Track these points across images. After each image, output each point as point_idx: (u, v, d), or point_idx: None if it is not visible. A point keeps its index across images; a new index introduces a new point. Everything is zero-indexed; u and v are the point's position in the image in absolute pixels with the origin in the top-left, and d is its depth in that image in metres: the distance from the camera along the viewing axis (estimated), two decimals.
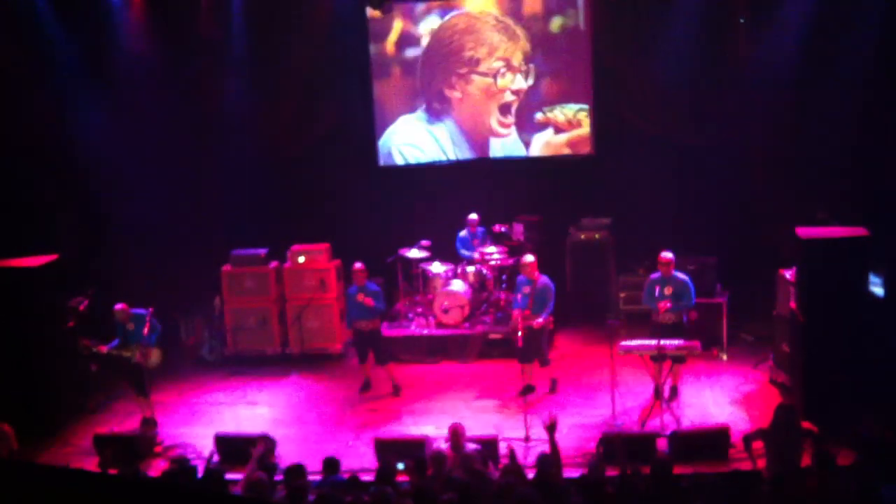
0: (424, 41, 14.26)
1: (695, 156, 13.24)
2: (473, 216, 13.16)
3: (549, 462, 7.86)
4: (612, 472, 8.08)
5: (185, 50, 13.76)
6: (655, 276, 10.62)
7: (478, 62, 14.13)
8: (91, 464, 9.87)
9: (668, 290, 10.46)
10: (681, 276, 10.58)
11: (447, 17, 14.18)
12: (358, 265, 11.41)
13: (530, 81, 14.04)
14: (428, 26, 14.24)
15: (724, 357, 11.72)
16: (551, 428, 8.18)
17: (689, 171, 13.26)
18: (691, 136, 13.34)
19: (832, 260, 9.57)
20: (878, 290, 10.32)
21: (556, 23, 13.99)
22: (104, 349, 10.81)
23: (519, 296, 11.04)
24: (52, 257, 11.32)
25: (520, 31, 14.01)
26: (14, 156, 12.76)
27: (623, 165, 13.58)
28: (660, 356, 10.03)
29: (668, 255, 10.55)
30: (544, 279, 11.05)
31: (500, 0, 14.06)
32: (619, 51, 13.64)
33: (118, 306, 10.74)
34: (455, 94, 14.25)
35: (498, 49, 14.07)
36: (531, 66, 14.01)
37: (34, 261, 11.18)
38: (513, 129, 14.25)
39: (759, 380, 11.15)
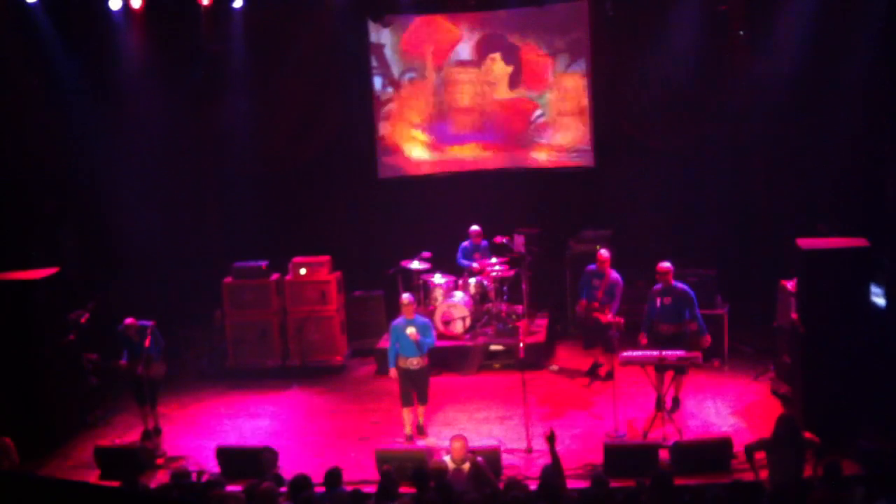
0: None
1: (694, 167, 13.28)
2: (475, 227, 13.18)
3: (552, 474, 7.84)
4: (615, 483, 8.06)
5: (186, 64, 13.82)
6: (657, 287, 10.62)
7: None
8: (92, 477, 9.88)
9: (667, 300, 10.48)
10: (680, 286, 10.59)
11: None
12: (406, 297, 10.48)
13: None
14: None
15: (726, 368, 11.73)
16: (551, 439, 8.20)
17: (689, 183, 13.30)
18: (691, 147, 13.37)
19: (833, 270, 9.57)
20: (879, 300, 10.32)
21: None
22: (122, 363, 10.76)
23: (586, 287, 11.49)
24: (53, 270, 11.32)
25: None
26: (16, 169, 12.79)
27: (623, 177, 13.64)
28: (661, 367, 10.02)
29: (665, 264, 10.57)
30: (615, 274, 11.34)
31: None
32: (619, 62, 13.69)
33: (127, 321, 10.72)
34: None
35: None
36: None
37: (35, 274, 11.17)
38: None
39: (760, 391, 11.14)
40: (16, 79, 12.80)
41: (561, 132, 14.31)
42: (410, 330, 10.13)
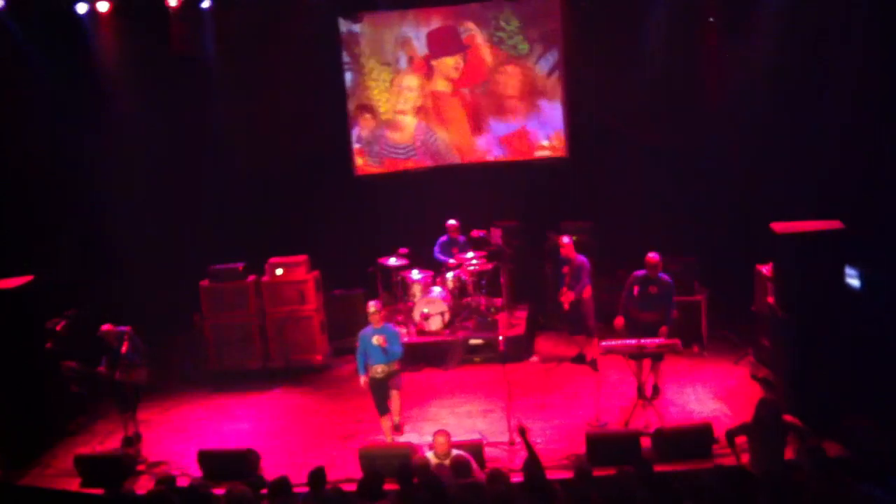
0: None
1: (671, 156, 13.32)
2: (452, 222, 13.18)
3: (531, 466, 7.85)
4: (598, 472, 8.08)
5: (158, 68, 13.72)
6: (640, 273, 10.68)
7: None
8: (73, 485, 9.81)
9: (653, 290, 10.55)
10: (666, 277, 10.66)
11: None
12: (372, 305, 10.41)
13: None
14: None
15: (705, 354, 11.80)
16: (523, 432, 8.25)
17: (666, 172, 13.34)
18: (667, 136, 13.41)
19: (807, 254, 9.62)
20: (854, 282, 10.39)
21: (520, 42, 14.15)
22: (100, 369, 10.70)
23: (559, 276, 11.85)
24: (28, 278, 11.22)
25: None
26: None
27: (600, 168, 13.70)
28: (640, 354, 10.07)
29: (655, 256, 10.63)
30: (581, 258, 11.65)
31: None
32: (594, 53, 13.71)
33: (104, 327, 10.66)
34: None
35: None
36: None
37: (10, 282, 11.07)
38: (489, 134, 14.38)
39: (740, 375, 11.21)
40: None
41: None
42: (376, 338, 10.09)
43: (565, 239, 11.77)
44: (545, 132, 14.33)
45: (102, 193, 13.36)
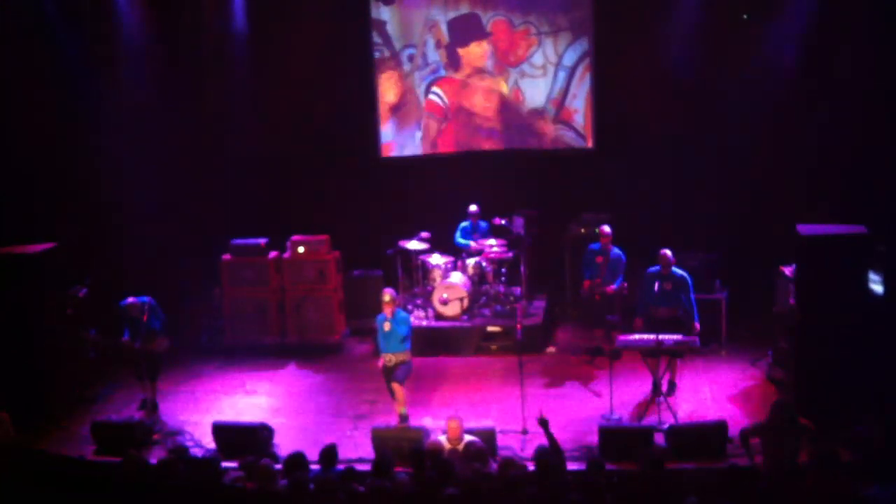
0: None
1: (696, 151, 13.21)
2: (474, 207, 13.16)
3: (548, 455, 7.85)
4: (610, 466, 8.08)
5: (187, 41, 13.75)
6: (654, 269, 10.65)
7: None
8: (88, 451, 9.90)
9: (667, 286, 10.53)
10: (679, 272, 10.61)
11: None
12: (387, 294, 10.26)
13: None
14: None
15: (723, 353, 11.76)
16: (544, 423, 8.23)
17: (691, 167, 13.22)
18: (693, 131, 13.32)
19: (831, 257, 9.56)
20: (877, 287, 10.31)
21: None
22: (123, 340, 10.79)
23: (589, 265, 11.78)
24: (51, 245, 11.30)
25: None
26: (15, 145, 12.76)
27: (624, 160, 13.58)
28: (657, 351, 10.04)
29: (667, 252, 10.59)
30: (617, 251, 11.55)
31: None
32: (621, 45, 13.62)
33: (128, 300, 10.76)
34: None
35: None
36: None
37: (33, 248, 11.16)
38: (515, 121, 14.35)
39: (757, 376, 11.16)
40: (16, 55, 12.76)
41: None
42: (385, 325, 10.09)
43: (606, 228, 11.71)
44: (570, 123, 14.25)
45: (129, 165, 13.38)
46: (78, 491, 7.71)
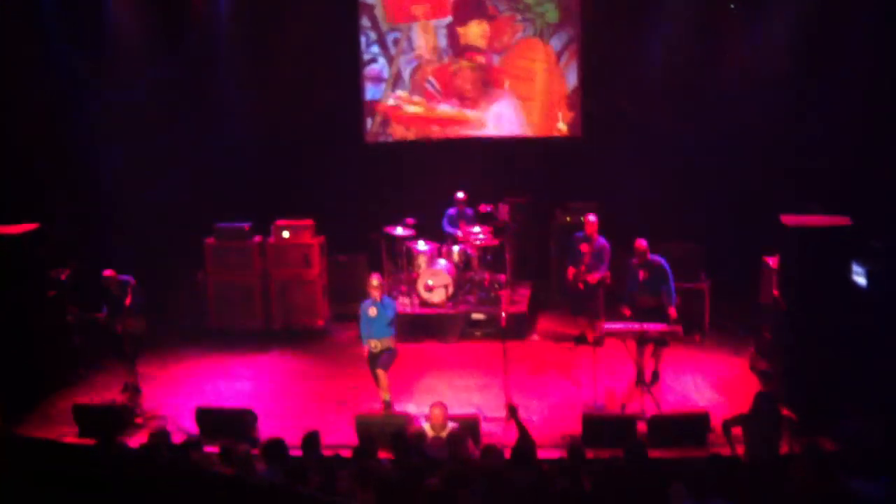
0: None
1: (683, 141, 13.24)
2: (461, 194, 13.14)
3: (521, 444, 7.88)
4: (590, 454, 8.10)
5: (177, 26, 13.67)
6: (635, 260, 10.68)
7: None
8: (70, 434, 9.85)
9: (646, 275, 10.57)
10: (655, 258, 10.62)
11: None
12: (375, 278, 10.17)
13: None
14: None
15: (706, 342, 11.81)
16: (513, 411, 8.26)
17: (678, 157, 13.27)
18: (680, 121, 13.33)
19: (815, 248, 9.59)
20: (860, 279, 10.35)
21: (550, 12, 13.98)
22: (100, 315, 10.77)
23: (574, 253, 11.71)
24: (34, 226, 11.21)
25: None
26: (1, 130, 12.65)
27: (611, 149, 13.60)
28: (641, 339, 10.06)
29: (641, 241, 10.62)
30: (603, 240, 11.56)
31: None
32: (609, 33, 13.60)
33: (106, 272, 10.73)
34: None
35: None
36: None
37: (16, 228, 11.07)
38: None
39: (739, 366, 11.21)
40: (6, 39, 12.66)
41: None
42: (371, 310, 10.03)
43: (591, 217, 11.70)
44: (556, 110, 14.22)
45: (113, 147, 13.31)
46: (58, 475, 7.69)
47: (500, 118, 14.39)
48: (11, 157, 12.79)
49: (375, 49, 14.45)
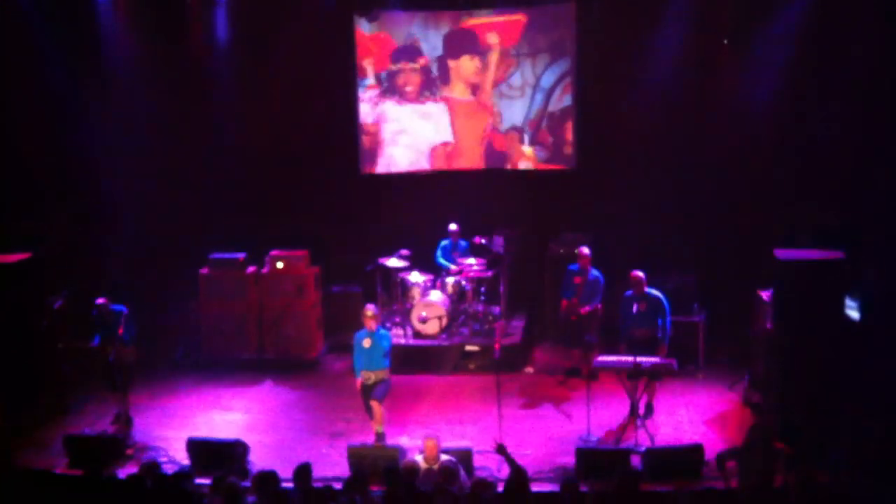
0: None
1: (677, 174, 13.32)
2: (453, 226, 13.17)
3: (513, 479, 7.84)
4: (584, 487, 8.06)
5: (172, 54, 13.74)
6: (629, 293, 10.69)
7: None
8: (61, 465, 9.78)
9: (643, 307, 10.55)
10: (654, 292, 10.64)
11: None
12: (370, 309, 10.12)
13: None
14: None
15: (700, 376, 11.79)
16: (501, 450, 8.22)
17: (672, 190, 13.34)
18: (673, 153, 13.41)
19: (808, 282, 9.61)
20: (853, 313, 10.38)
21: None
22: (91, 344, 10.73)
23: (568, 286, 11.69)
24: (27, 255, 11.21)
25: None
26: None
27: (606, 181, 13.68)
28: (635, 373, 10.04)
29: (638, 273, 10.63)
30: (596, 272, 11.53)
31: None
32: (602, 65, 13.72)
33: (99, 300, 10.71)
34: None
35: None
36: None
37: (9, 258, 11.06)
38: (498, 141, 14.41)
39: (733, 399, 11.18)
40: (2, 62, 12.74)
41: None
42: (366, 341, 9.99)
43: (584, 250, 11.69)
44: (546, 144, 14.31)
45: (107, 177, 13.36)
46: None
47: (491, 150, 14.47)
48: (5, 184, 12.79)
49: (372, 83, 14.53)
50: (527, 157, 14.36)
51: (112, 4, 13.39)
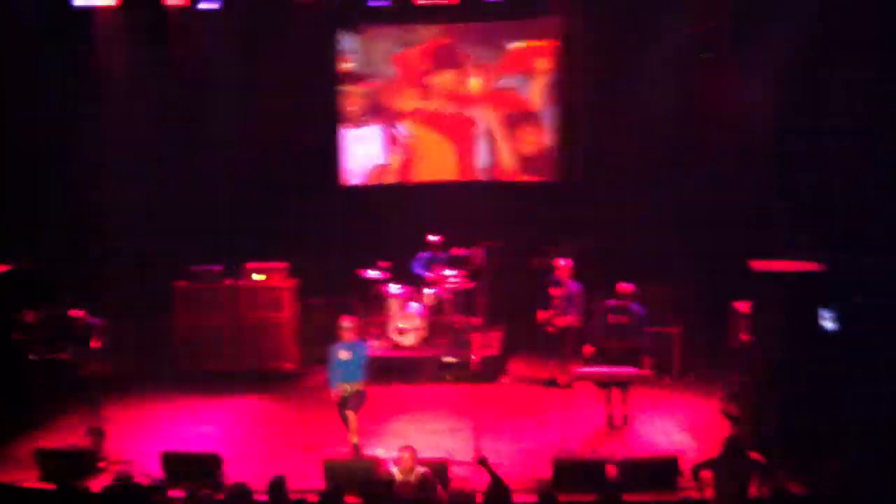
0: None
1: (654, 186, 13.38)
2: (434, 237, 13.17)
3: (496, 492, 7.82)
4: (562, 497, 8.05)
5: (154, 75, 13.70)
6: (611, 303, 10.71)
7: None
8: (31, 478, 9.67)
9: (623, 319, 10.59)
10: (636, 307, 10.68)
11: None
12: (347, 321, 10.16)
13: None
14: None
15: (676, 386, 11.82)
16: (483, 462, 8.22)
17: (648, 202, 13.39)
18: (651, 167, 13.48)
19: (784, 293, 9.66)
20: (829, 324, 10.43)
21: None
22: (64, 356, 10.62)
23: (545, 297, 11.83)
24: (4, 268, 11.12)
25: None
26: None
27: (585, 195, 13.76)
28: (611, 383, 10.06)
29: (628, 286, 10.66)
30: (574, 284, 11.63)
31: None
32: (586, 79, 13.79)
33: (74, 312, 10.63)
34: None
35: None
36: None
37: None
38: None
39: (709, 410, 11.21)
40: None
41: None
42: (342, 353, 9.97)
43: (562, 262, 11.73)
44: (529, 157, 14.37)
45: (85, 189, 13.31)
46: None
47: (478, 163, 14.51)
48: None
49: (356, 94, 14.55)
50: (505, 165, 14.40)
51: (102, 15, 13.40)
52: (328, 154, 14.62)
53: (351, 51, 14.44)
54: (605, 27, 13.56)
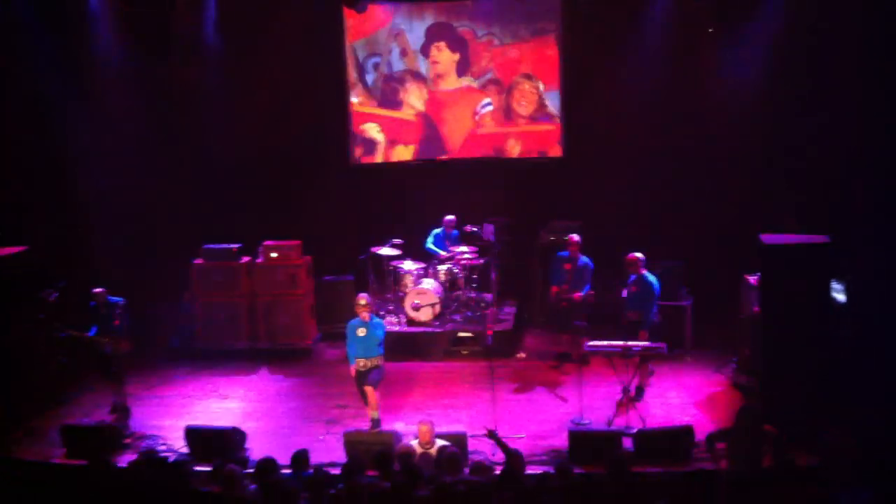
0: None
1: (664, 160, 13.43)
2: (450, 217, 13.27)
3: (509, 462, 7.96)
4: (578, 470, 8.20)
5: (162, 47, 13.77)
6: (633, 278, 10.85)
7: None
8: (58, 455, 9.88)
9: (633, 289, 10.74)
10: (648, 277, 10.78)
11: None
12: (363, 298, 10.27)
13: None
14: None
15: (689, 359, 11.95)
16: (493, 435, 8.35)
17: (659, 176, 13.45)
18: (662, 141, 13.52)
19: (794, 266, 9.75)
20: (839, 296, 10.54)
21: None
22: (88, 335, 10.76)
23: (557, 272, 11.90)
24: (22, 248, 11.27)
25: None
26: None
27: (594, 169, 13.79)
28: (625, 356, 10.18)
29: (635, 255, 10.78)
30: (585, 258, 11.64)
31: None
32: (589, 55, 13.81)
33: (96, 290, 10.77)
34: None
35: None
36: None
37: (4, 251, 11.12)
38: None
39: (722, 382, 11.36)
40: None
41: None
42: (360, 330, 10.13)
43: (575, 236, 11.85)
44: (538, 130, 14.42)
45: (103, 169, 13.38)
46: (46, 495, 7.73)
47: (480, 139, 14.59)
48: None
49: (359, 75, 14.61)
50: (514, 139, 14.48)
51: (102, 5, 13.41)
52: (341, 132, 14.68)
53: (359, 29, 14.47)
54: (604, 3, 13.60)
